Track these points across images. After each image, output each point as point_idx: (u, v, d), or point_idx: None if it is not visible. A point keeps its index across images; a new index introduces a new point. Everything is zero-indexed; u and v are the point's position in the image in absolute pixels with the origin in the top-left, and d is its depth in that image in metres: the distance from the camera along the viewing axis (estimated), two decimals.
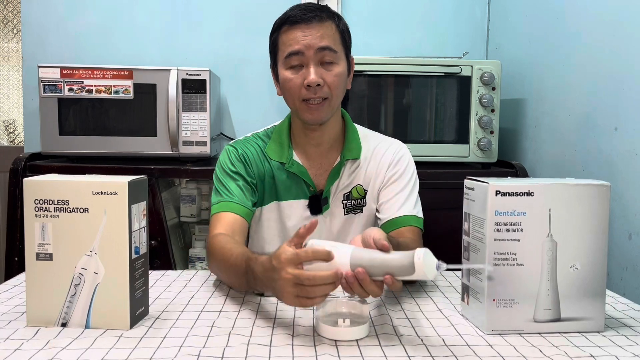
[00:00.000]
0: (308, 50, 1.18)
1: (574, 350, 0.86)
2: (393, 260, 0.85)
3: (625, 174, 1.43)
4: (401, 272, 0.84)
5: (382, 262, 0.85)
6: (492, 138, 1.96)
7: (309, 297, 0.86)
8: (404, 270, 0.84)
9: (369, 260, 0.86)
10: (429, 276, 0.83)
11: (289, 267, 0.86)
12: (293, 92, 1.21)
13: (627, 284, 1.41)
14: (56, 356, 0.80)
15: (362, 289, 0.86)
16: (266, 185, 1.30)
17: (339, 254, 0.88)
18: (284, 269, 0.86)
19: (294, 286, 0.86)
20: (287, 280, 0.86)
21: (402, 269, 0.84)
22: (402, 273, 0.84)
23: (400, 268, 0.84)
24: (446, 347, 0.86)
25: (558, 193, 0.92)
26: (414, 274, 0.83)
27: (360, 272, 0.85)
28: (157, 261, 1.89)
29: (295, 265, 0.86)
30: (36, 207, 0.90)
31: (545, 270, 0.92)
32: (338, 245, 0.90)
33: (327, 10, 1.23)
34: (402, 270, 0.84)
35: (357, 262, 0.86)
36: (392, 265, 0.85)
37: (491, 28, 2.37)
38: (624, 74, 1.46)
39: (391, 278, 0.84)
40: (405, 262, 0.83)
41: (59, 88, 1.91)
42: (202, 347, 0.85)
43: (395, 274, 0.84)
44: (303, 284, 0.85)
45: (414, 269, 0.82)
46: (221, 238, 1.14)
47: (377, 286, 0.86)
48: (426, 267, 0.82)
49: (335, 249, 0.89)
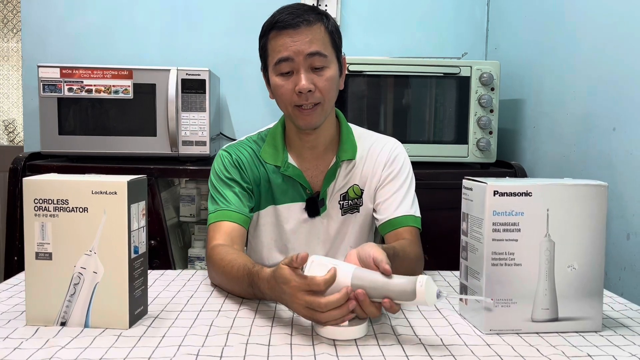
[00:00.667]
0: (297, 56, 1.16)
1: (571, 350, 0.86)
2: (395, 285, 0.86)
3: (623, 175, 1.44)
4: (402, 297, 0.85)
5: (383, 286, 0.87)
6: (491, 138, 1.96)
7: (323, 320, 0.88)
8: (405, 296, 0.85)
9: (370, 282, 0.88)
10: (429, 303, 0.84)
11: (299, 293, 0.88)
12: (285, 98, 1.20)
13: (625, 283, 1.41)
14: (55, 355, 0.81)
15: (360, 310, 0.88)
16: (262, 190, 1.30)
17: (340, 274, 0.89)
18: (295, 295, 0.88)
19: (307, 310, 0.88)
20: (300, 305, 0.88)
21: (403, 294, 0.85)
22: (402, 298, 0.85)
23: (402, 293, 0.85)
24: (444, 347, 0.87)
25: (556, 193, 0.92)
26: (414, 300, 0.84)
27: (360, 293, 0.86)
28: (157, 261, 1.90)
29: (306, 292, 0.88)
30: (36, 207, 0.91)
31: (543, 270, 0.92)
32: (339, 264, 0.91)
33: (315, 11, 1.20)
34: (403, 295, 0.85)
35: (359, 282, 0.88)
36: (393, 290, 0.86)
37: (490, 29, 2.37)
38: (622, 75, 1.46)
39: (390, 302, 0.86)
40: (407, 288, 0.85)
41: (59, 88, 1.91)
42: (201, 346, 0.85)
43: (396, 299, 0.86)
44: (316, 310, 0.87)
45: (415, 295, 0.84)
46: (220, 250, 1.14)
47: (375, 307, 0.88)
48: (427, 295, 0.83)
49: (337, 268, 0.90)
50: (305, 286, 0.87)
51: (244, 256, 1.11)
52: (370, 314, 0.88)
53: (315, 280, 0.87)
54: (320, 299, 0.86)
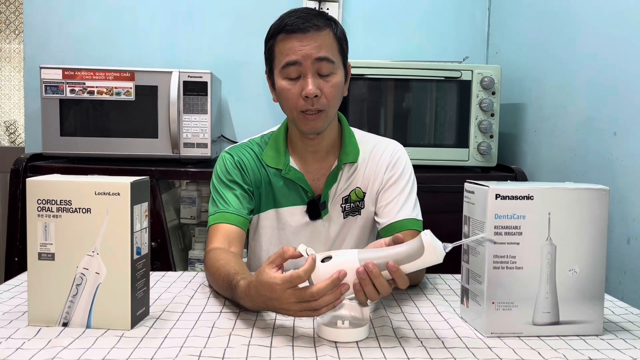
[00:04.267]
0: (305, 60, 1.16)
1: (572, 353, 0.86)
2: (401, 247, 0.87)
3: (624, 179, 1.44)
4: (411, 257, 0.86)
5: (390, 252, 0.87)
6: (492, 142, 1.96)
7: (316, 309, 0.88)
8: (414, 254, 0.85)
9: (377, 253, 0.88)
10: (439, 255, 0.84)
11: (286, 293, 0.87)
12: (290, 102, 1.20)
13: (626, 288, 1.41)
14: (57, 355, 0.81)
15: (372, 287, 0.87)
16: (262, 192, 1.30)
17: (344, 258, 0.88)
18: (283, 296, 0.88)
19: (298, 304, 0.88)
20: (290, 303, 0.88)
21: (411, 253, 0.86)
22: (412, 257, 0.85)
23: (409, 252, 0.86)
24: (446, 349, 0.87)
25: (558, 197, 0.93)
26: (423, 255, 0.85)
27: (370, 264, 0.86)
28: (157, 262, 1.90)
29: (293, 290, 0.87)
30: (39, 207, 0.91)
31: (545, 274, 0.93)
32: (339, 252, 0.91)
33: (324, 17, 1.20)
34: (411, 254, 0.85)
35: (366, 257, 0.87)
36: (401, 252, 0.86)
37: (491, 33, 2.38)
38: (623, 80, 1.46)
39: (395, 265, 0.85)
40: (414, 245, 0.86)
41: (61, 89, 1.92)
42: (203, 347, 0.85)
43: (405, 261, 0.86)
44: (307, 301, 0.87)
45: (424, 248, 0.84)
46: (213, 254, 1.14)
47: (387, 283, 0.87)
48: (435, 247, 0.84)
49: (340, 255, 0.89)
50: (289, 284, 0.87)
51: (232, 263, 1.09)
52: (382, 288, 0.87)
53: (296, 274, 0.87)
54: (310, 288, 0.86)
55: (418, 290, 1.18)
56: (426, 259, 0.85)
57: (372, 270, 0.86)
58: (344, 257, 0.89)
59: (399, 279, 0.87)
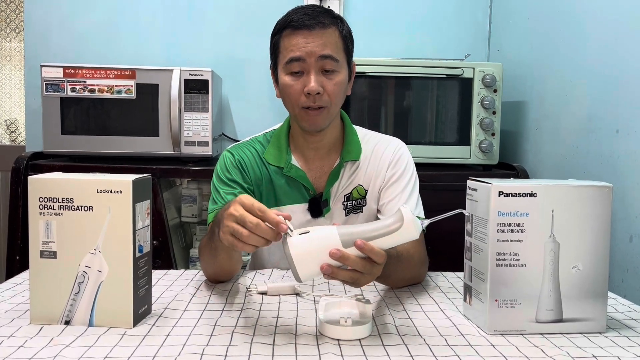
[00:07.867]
0: (309, 57, 1.16)
1: (576, 350, 0.86)
2: (379, 222, 0.88)
3: (626, 176, 1.44)
4: (391, 229, 0.86)
5: (369, 227, 0.87)
6: (494, 140, 1.96)
7: (242, 240, 0.86)
8: (394, 226, 0.86)
9: (358, 230, 0.87)
10: (417, 229, 0.86)
11: (238, 206, 0.87)
12: (293, 98, 1.20)
13: (628, 285, 1.41)
14: (60, 353, 0.81)
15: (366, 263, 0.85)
16: (263, 191, 1.30)
17: (324, 235, 0.87)
18: (235, 207, 0.87)
19: (232, 223, 0.87)
20: (230, 216, 0.87)
21: (391, 225, 0.86)
22: (392, 229, 0.86)
23: (389, 225, 0.86)
24: (449, 347, 0.87)
25: (561, 194, 0.92)
26: (402, 228, 0.85)
27: (360, 241, 0.84)
28: (158, 261, 1.90)
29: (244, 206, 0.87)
30: (41, 205, 0.91)
31: (548, 271, 0.92)
32: (317, 228, 0.89)
33: (330, 15, 1.20)
34: (392, 226, 0.86)
35: (348, 236, 0.86)
36: (379, 226, 0.87)
37: (493, 30, 2.37)
38: (625, 77, 1.46)
39: (362, 242, 0.84)
40: (393, 218, 0.87)
41: (62, 87, 1.92)
42: (206, 345, 0.85)
43: (387, 233, 0.86)
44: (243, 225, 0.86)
45: (403, 217, 0.85)
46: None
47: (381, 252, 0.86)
48: (414, 221, 0.86)
49: (319, 229, 0.88)
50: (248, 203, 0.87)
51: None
52: (378, 259, 0.85)
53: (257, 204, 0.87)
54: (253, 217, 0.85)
55: (420, 288, 1.18)
56: (404, 233, 0.86)
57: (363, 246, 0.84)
58: (322, 231, 0.88)
59: (373, 255, 0.85)
